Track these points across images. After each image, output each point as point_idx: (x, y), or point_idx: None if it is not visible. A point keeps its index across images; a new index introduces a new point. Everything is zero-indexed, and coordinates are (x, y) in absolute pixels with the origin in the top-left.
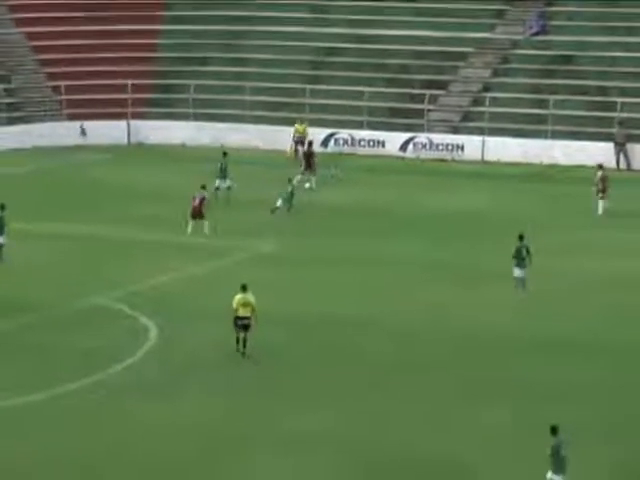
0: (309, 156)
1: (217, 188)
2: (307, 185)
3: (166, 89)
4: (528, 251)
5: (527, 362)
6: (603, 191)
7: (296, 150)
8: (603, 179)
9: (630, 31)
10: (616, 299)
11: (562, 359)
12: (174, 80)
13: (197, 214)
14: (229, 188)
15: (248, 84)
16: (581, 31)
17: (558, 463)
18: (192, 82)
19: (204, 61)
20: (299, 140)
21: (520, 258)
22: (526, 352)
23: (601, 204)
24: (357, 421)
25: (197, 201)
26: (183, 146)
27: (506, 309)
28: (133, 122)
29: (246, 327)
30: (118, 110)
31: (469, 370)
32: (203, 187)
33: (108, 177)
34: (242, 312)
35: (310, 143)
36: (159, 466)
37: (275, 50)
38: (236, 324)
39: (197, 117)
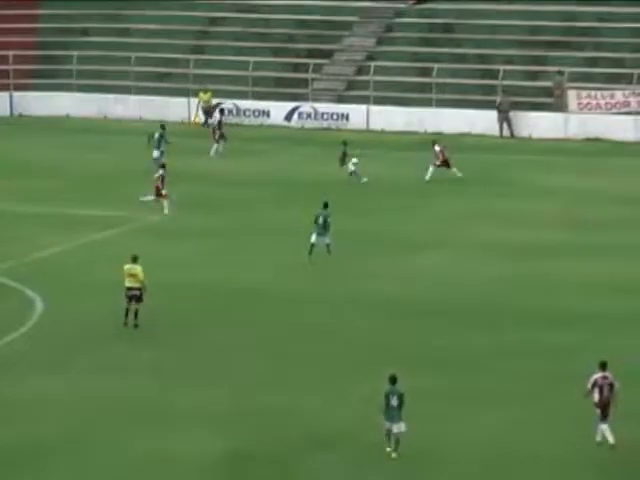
0: (220, 123)
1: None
2: (215, 151)
3: (49, 60)
4: (325, 220)
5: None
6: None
7: (206, 121)
8: (442, 152)
9: None
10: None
11: (455, 325)
12: (56, 51)
13: (158, 193)
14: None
15: (132, 54)
16: None
17: (387, 411)
18: (75, 53)
19: (86, 31)
20: (206, 109)
21: (318, 225)
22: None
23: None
24: (246, 394)
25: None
26: (67, 117)
27: (394, 278)
28: (16, 94)
29: (135, 298)
30: (0, 82)
31: (357, 337)
32: (163, 166)
33: None
34: (129, 282)
35: (222, 110)
36: (37, 440)
37: (159, 20)
38: (125, 294)
39: (81, 88)
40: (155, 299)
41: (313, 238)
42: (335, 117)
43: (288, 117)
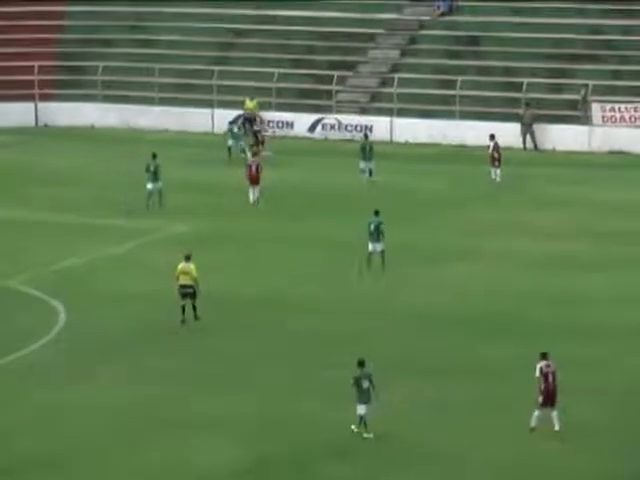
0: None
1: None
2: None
3: (73, 71)
4: (378, 227)
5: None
6: (498, 160)
7: (244, 125)
8: (496, 148)
9: (535, 12)
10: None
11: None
12: (81, 62)
13: (254, 180)
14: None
15: (156, 66)
16: (487, 12)
17: (360, 394)
18: (99, 63)
19: (110, 42)
20: (249, 117)
21: (371, 233)
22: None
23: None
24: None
25: (254, 168)
26: (92, 128)
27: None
28: (41, 104)
29: (189, 295)
30: (25, 92)
31: (382, 346)
32: (255, 154)
33: (15, 159)
34: (182, 280)
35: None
36: (55, 448)
37: (182, 31)
38: (179, 292)
39: (105, 99)
40: (175, 308)
41: (370, 247)
42: (359, 129)
43: (312, 128)
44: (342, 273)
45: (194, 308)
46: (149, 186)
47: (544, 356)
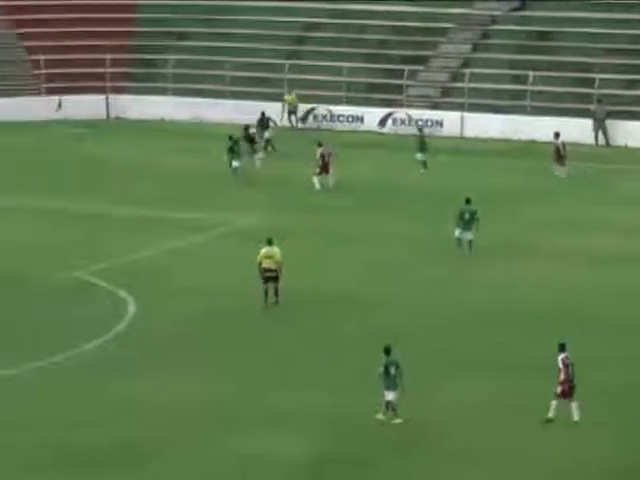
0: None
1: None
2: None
3: (145, 64)
4: (472, 215)
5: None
6: (564, 157)
7: (290, 120)
8: (561, 146)
9: (610, 7)
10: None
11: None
12: (153, 55)
13: (326, 169)
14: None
15: (228, 59)
16: (560, 6)
17: (389, 381)
18: (171, 57)
19: (182, 35)
20: (292, 110)
21: (464, 221)
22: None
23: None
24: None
25: (327, 156)
26: (162, 121)
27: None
28: (112, 96)
29: (272, 279)
30: (97, 84)
31: (439, 343)
32: (319, 144)
33: (87, 152)
34: (265, 264)
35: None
36: (133, 442)
37: (255, 25)
38: (262, 276)
39: (176, 92)
40: (244, 301)
41: (457, 233)
42: (429, 124)
43: (382, 123)
44: (410, 269)
45: (276, 292)
46: (235, 164)
47: (563, 348)
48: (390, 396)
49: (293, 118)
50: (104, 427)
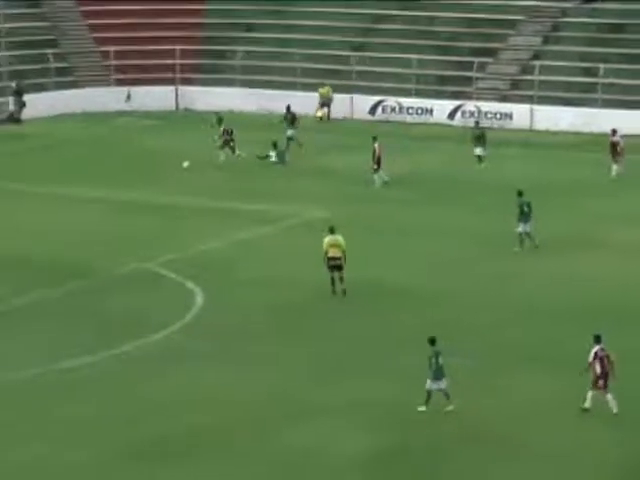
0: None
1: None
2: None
3: (214, 55)
4: (529, 207)
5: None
6: (619, 155)
7: (325, 112)
8: (616, 143)
9: None
10: None
11: None
12: (221, 46)
13: (379, 164)
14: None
15: (296, 51)
16: None
17: (437, 371)
18: (239, 48)
19: (251, 27)
20: (325, 103)
21: (523, 214)
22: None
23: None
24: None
25: (378, 150)
26: (230, 113)
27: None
28: (181, 88)
29: (338, 267)
30: (166, 76)
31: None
32: (374, 139)
33: (158, 143)
34: (332, 252)
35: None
36: (198, 433)
37: (322, 17)
38: (328, 265)
39: (244, 83)
40: (309, 293)
41: (520, 227)
42: (499, 116)
43: (451, 115)
44: (472, 263)
45: (341, 280)
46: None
47: (598, 340)
48: (436, 385)
49: (326, 110)
50: (161, 414)
